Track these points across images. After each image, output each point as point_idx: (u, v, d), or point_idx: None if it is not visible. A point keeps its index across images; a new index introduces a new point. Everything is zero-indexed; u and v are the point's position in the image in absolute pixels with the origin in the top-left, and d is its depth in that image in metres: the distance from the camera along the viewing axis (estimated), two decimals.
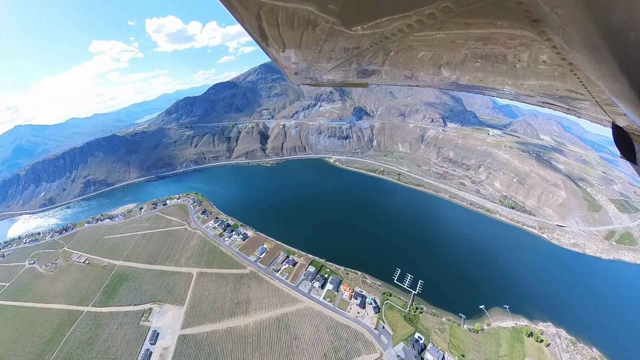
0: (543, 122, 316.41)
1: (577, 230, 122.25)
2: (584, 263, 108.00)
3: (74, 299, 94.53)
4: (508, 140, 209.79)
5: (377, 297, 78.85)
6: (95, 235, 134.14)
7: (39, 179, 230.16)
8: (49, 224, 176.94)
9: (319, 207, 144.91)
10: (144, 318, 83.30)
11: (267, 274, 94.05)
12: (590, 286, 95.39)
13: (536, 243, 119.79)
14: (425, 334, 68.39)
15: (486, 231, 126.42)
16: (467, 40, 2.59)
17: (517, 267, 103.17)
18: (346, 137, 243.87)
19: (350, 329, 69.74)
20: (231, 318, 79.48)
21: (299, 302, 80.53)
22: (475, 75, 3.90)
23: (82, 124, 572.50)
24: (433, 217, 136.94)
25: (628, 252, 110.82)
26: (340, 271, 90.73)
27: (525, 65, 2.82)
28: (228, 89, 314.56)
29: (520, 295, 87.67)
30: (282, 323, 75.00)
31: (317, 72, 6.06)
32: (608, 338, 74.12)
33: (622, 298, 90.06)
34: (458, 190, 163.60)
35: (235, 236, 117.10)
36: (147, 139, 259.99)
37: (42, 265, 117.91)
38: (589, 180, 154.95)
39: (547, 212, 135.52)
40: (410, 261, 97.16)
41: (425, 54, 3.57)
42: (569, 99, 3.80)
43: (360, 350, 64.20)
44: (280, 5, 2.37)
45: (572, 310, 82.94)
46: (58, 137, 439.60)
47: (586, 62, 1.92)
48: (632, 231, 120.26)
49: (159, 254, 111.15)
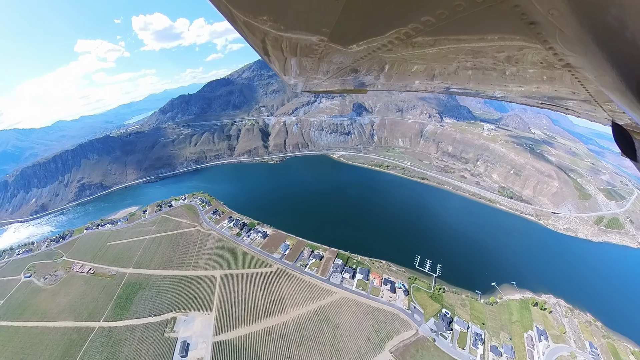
0: (532, 116, 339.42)
1: (570, 217, 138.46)
2: (577, 245, 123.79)
3: (82, 314, 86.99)
4: (502, 134, 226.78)
5: (404, 281, 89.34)
6: (97, 242, 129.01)
7: (29, 185, 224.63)
8: (43, 232, 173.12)
9: (331, 202, 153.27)
10: (169, 329, 78.59)
11: (295, 270, 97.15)
12: (582, 264, 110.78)
13: (534, 228, 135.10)
14: (451, 309, 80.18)
15: (489, 219, 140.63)
16: (458, 54, 2.75)
17: (520, 249, 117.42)
18: (348, 133, 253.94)
19: (385, 312, 78.89)
20: (267, 317, 79.36)
21: (333, 293, 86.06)
22: (471, 80, 4.03)
23: (69, 126, 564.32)
24: (441, 207, 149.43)
25: (615, 235, 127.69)
26: (365, 261, 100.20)
27: (523, 69, 2.93)
28: (223, 86, 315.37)
29: (524, 273, 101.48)
30: (321, 315, 79.24)
31: (314, 84, 6.46)
32: (598, 305, 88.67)
33: (610, 273, 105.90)
34: (460, 182, 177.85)
35: (254, 235, 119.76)
36: (143, 139, 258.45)
37: (40, 278, 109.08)
38: (579, 171, 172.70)
39: (542, 200, 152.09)
40: (427, 248, 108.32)
41: (419, 67, 3.79)
42: (568, 100, 4.00)
43: (398, 329, 73.77)
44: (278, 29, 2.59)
45: (568, 284, 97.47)
46: (45, 141, 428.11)
47: (584, 63, 2.02)
48: (618, 217, 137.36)
49: (174, 259, 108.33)
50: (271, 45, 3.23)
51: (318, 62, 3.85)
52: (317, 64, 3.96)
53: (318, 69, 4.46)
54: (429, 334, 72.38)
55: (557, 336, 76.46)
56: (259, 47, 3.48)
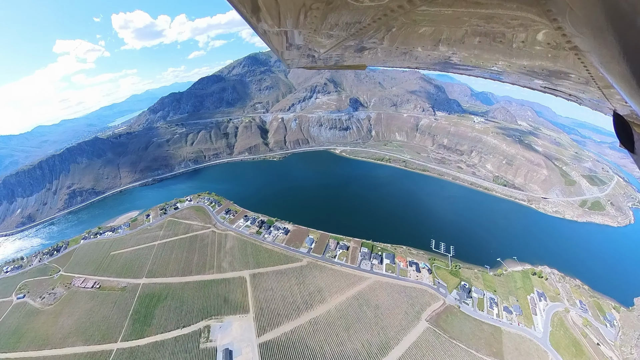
0: (518, 108, 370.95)
1: (558, 201, 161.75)
2: (565, 225, 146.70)
3: (94, 336, 79.03)
4: (492, 126, 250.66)
5: (426, 262, 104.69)
6: (98, 252, 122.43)
7: (13, 194, 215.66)
8: (33, 246, 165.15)
9: (341, 195, 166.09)
10: (204, 339, 75.53)
11: (325, 261, 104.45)
12: (570, 241, 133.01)
13: (527, 212, 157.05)
14: (468, 281, 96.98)
15: (488, 205, 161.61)
16: (472, 17, 2.72)
17: (517, 230, 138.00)
18: (346, 128, 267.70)
19: (415, 289, 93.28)
20: (309, 310, 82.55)
21: (366, 279, 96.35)
22: (472, 53, 4.04)
23: (50, 131, 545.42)
24: (444, 196, 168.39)
25: (597, 216, 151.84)
26: (388, 248, 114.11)
27: (529, 44, 2.96)
28: (215, 83, 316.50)
29: (523, 249, 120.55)
30: (361, 299, 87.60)
31: (314, 51, 6.14)
32: (585, 273, 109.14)
33: (593, 248, 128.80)
34: (458, 173, 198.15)
35: (275, 232, 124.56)
36: (135, 140, 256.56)
37: (35, 298, 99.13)
38: (564, 160, 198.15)
39: (533, 187, 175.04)
40: (439, 232, 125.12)
41: (427, 30, 3.67)
42: (572, 84, 4.04)
43: (429, 302, 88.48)
44: None
45: (559, 257, 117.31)
46: (26, 148, 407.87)
47: (591, 46, 2.05)
48: (600, 200, 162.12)
49: (192, 263, 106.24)
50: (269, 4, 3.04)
51: (319, 20, 3.61)
52: (318, 23, 3.74)
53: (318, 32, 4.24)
54: (454, 302, 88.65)
55: (553, 297, 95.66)
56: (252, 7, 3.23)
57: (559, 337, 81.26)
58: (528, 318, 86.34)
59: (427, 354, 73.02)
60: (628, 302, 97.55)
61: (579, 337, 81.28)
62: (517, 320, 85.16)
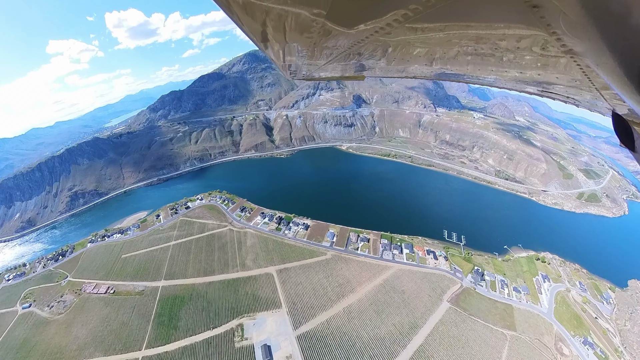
0: (515, 103, 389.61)
1: (556, 193, 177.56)
2: (564, 216, 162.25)
3: (114, 345, 76.20)
4: (491, 122, 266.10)
5: (442, 250, 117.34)
6: (108, 255, 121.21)
7: (11, 198, 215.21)
8: (35, 251, 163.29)
9: (353, 190, 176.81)
10: (238, 337, 76.30)
11: (349, 253, 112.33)
12: (569, 230, 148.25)
13: (528, 204, 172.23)
14: (480, 266, 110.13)
15: (492, 197, 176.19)
16: (466, 29, 2.77)
17: (520, 220, 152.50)
18: (351, 125, 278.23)
19: (435, 275, 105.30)
20: (341, 299, 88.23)
21: (389, 268, 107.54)
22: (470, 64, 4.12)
23: (45, 133, 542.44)
24: (451, 189, 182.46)
25: (594, 207, 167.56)
26: (406, 238, 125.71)
27: (524, 54, 3.04)
28: (216, 80, 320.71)
29: (527, 238, 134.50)
30: (387, 287, 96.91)
31: (313, 69, 6.61)
32: (583, 258, 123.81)
33: (591, 236, 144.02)
34: (462, 168, 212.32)
35: (295, 227, 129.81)
36: (136, 139, 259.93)
37: (43, 307, 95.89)
38: (561, 154, 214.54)
39: (533, 181, 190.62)
40: (450, 223, 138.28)
41: (421, 50, 3.94)
42: (569, 88, 4.11)
43: (448, 285, 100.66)
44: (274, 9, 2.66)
45: (560, 245, 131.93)
46: (21, 151, 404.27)
47: (587, 49, 2.09)
48: (596, 192, 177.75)
49: (214, 263, 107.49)
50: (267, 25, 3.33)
51: (316, 44, 3.91)
52: (316, 46, 4.04)
53: (316, 53, 4.54)
54: (470, 285, 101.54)
55: (555, 279, 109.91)
56: (255, 31, 3.60)
57: (562, 312, 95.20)
58: (534, 296, 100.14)
59: (452, 329, 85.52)
60: (622, 283, 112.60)
61: (579, 312, 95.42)
62: (525, 298, 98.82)
